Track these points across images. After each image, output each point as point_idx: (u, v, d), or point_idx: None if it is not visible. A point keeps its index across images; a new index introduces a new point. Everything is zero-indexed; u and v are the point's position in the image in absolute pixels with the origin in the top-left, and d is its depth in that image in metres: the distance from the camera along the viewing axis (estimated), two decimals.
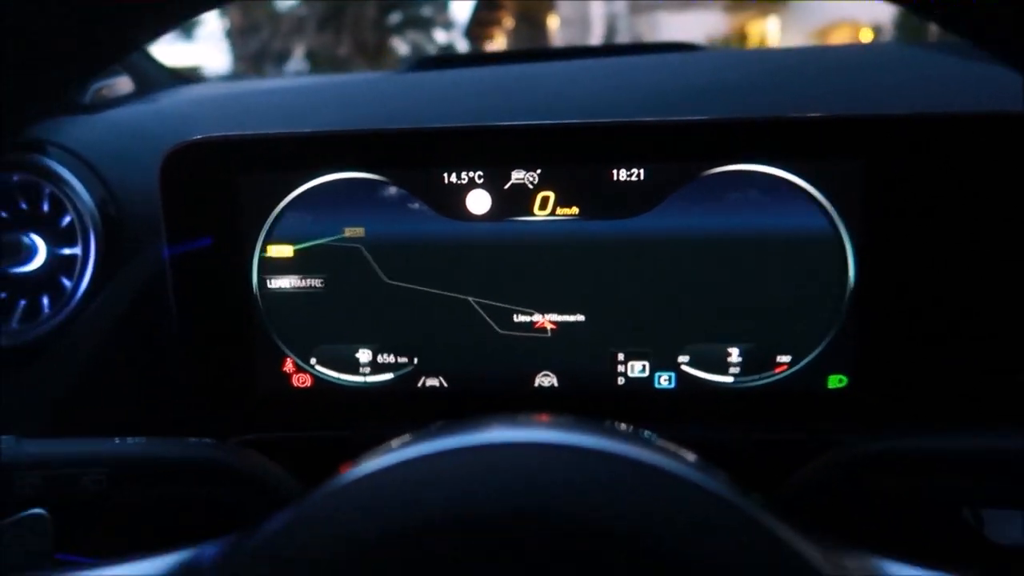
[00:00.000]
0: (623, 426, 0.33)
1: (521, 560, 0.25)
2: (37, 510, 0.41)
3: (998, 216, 0.58)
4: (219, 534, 0.31)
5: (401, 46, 16.73)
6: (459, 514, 0.26)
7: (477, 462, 0.28)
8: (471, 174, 0.61)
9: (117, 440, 0.48)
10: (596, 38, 13.95)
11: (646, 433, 0.32)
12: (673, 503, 0.27)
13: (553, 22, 16.26)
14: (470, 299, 0.62)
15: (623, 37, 13.53)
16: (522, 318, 0.63)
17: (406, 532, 0.25)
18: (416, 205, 0.62)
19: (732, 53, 1.00)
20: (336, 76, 1.09)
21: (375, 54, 15.79)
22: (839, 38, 11.91)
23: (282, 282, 0.63)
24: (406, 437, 0.31)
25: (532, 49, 0.99)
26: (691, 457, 0.31)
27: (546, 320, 0.63)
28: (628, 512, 0.26)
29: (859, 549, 0.29)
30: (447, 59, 0.92)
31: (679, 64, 0.88)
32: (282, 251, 0.63)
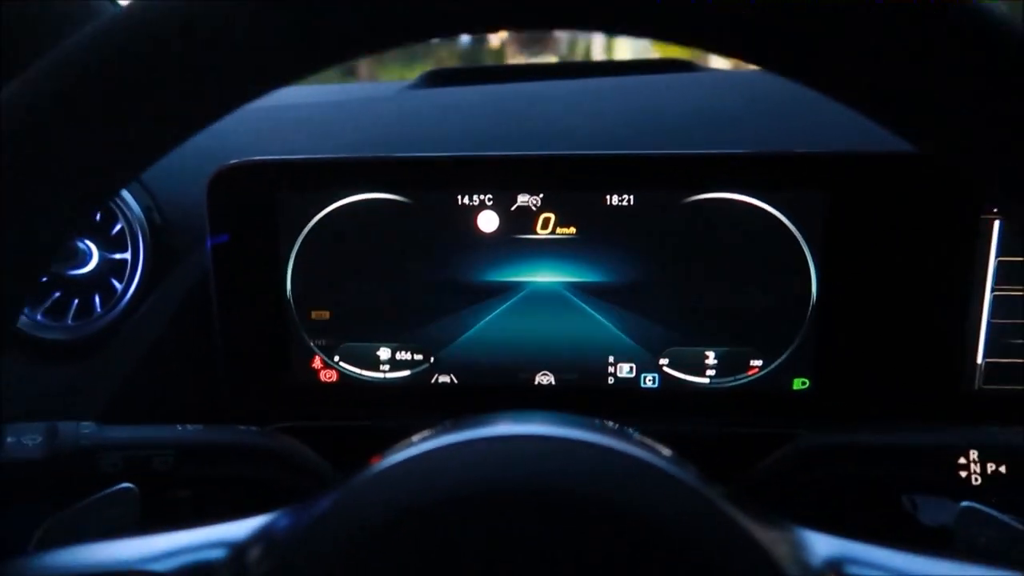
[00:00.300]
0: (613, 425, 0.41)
1: (539, 530, 0.33)
2: (126, 484, 0.49)
3: (942, 244, 0.66)
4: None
5: None
6: (490, 491, 0.33)
7: (513, 448, 0.35)
8: (482, 197, 0.69)
9: (179, 427, 0.56)
10: (598, 35, 13.88)
11: (633, 432, 0.40)
12: (647, 482, 0.34)
13: None
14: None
15: None
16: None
17: (457, 501, 0.32)
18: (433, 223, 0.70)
19: (726, 75, 1.06)
20: (352, 87, 1.16)
21: None
22: None
23: (312, 287, 0.71)
24: (453, 422, 0.38)
25: (536, 66, 1.05)
26: (666, 451, 0.39)
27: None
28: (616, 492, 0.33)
29: (795, 524, 0.37)
30: (454, 73, 0.99)
31: (673, 86, 0.95)
32: (313, 259, 0.71)
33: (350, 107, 0.97)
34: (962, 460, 0.51)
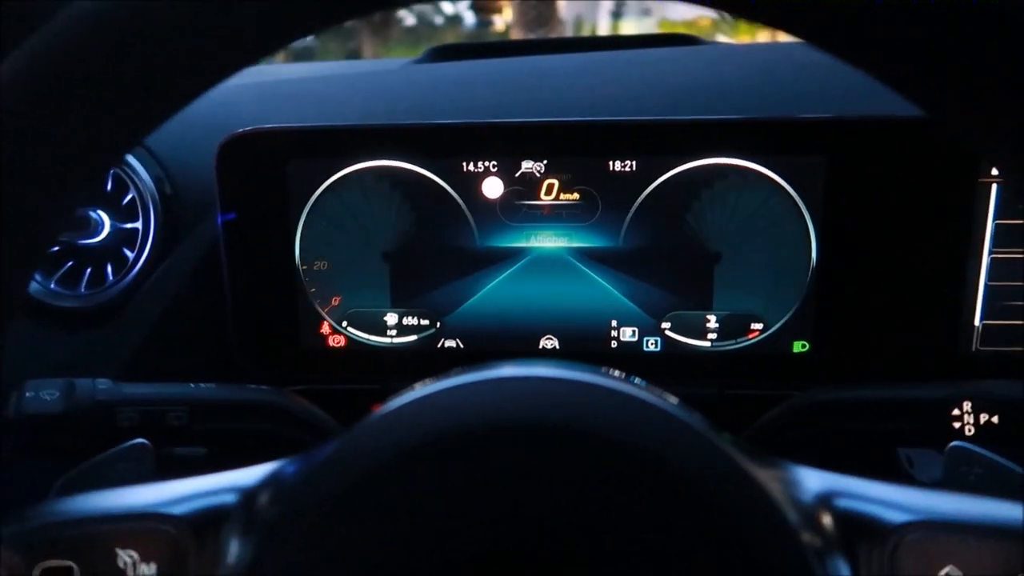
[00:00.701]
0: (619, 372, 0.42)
1: (540, 464, 0.34)
2: (140, 440, 0.51)
3: (939, 207, 0.67)
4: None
5: (407, 17, 16.59)
6: (489, 424, 0.34)
7: (506, 387, 0.36)
8: (486, 163, 0.70)
9: (192, 385, 0.58)
10: (604, 10, 13.83)
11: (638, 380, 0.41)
12: (656, 423, 0.35)
13: None
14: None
15: (631, 9, 13.42)
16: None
17: (453, 437, 0.34)
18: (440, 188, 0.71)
19: (727, 49, 1.07)
20: (360, 64, 1.16)
21: (381, 26, 15.66)
22: None
23: (320, 254, 0.73)
24: (450, 371, 0.40)
25: (539, 40, 1.06)
26: (670, 397, 0.41)
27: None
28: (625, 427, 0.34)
29: (784, 461, 0.38)
30: (459, 49, 1.00)
31: (677, 59, 0.96)
32: (321, 226, 0.72)
33: (357, 80, 0.98)
34: (955, 412, 0.52)
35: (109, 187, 0.80)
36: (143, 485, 0.36)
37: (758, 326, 0.71)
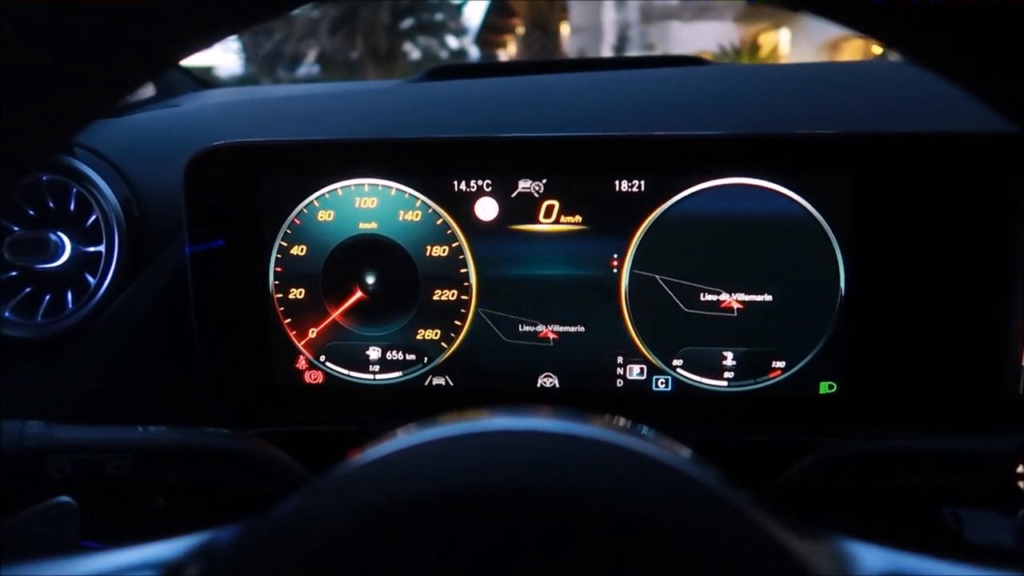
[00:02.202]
0: (622, 421, 0.35)
1: (517, 537, 0.28)
2: (65, 498, 0.44)
3: (980, 231, 0.60)
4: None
5: (413, 51, 16.83)
6: (459, 491, 0.28)
7: (480, 446, 0.30)
8: (480, 182, 0.64)
9: (140, 428, 0.51)
10: (607, 46, 14.00)
11: (644, 429, 0.35)
12: (661, 487, 0.29)
13: (565, 30, 16.32)
14: (480, 311, 0.66)
15: (634, 46, 13.58)
16: (527, 328, 0.65)
17: (410, 507, 0.27)
18: (429, 210, 0.65)
19: (738, 68, 1.02)
20: (351, 84, 1.11)
21: (387, 58, 15.87)
22: (850, 50, 11.91)
23: (297, 281, 0.66)
24: (411, 426, 0.34)
25: (541, 61, 1.01)
26: (684, 451, 0.34)
27: (549, 331, 0.65)
28: (619, 495, 0.28)
29: (831, 532, 0.32)
30: (458, 69, 0.95)
31: (686, 78, 0.91)
32: (298, 251, 0.66)
33: (346, 97, 0.92)
34: (1021, 469, 0.45)
35: (72, 207, 0.74)
36: (53, 559, 0.31)
37: (780, 364, 0.64)
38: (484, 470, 0.29)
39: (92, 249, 0.73)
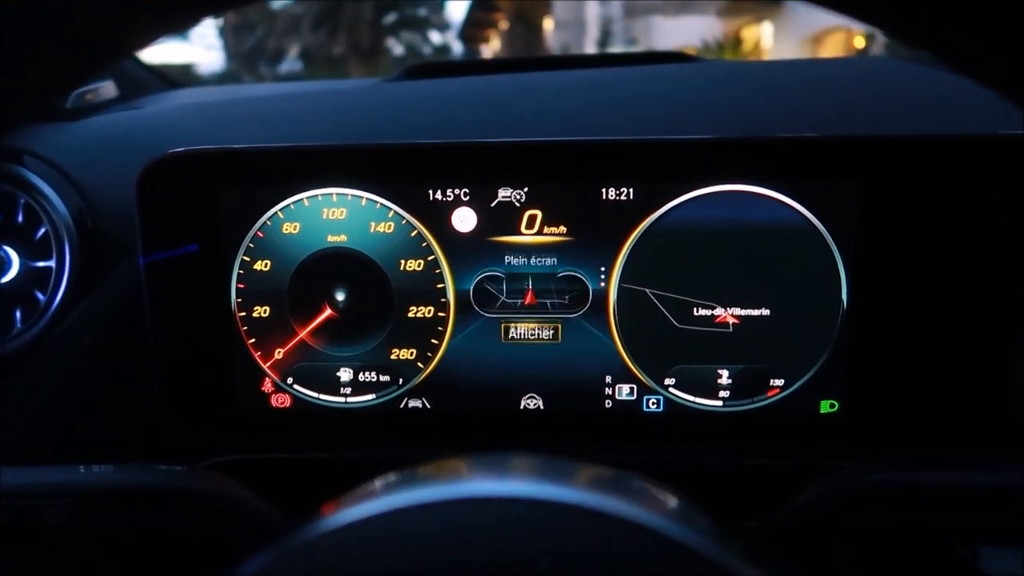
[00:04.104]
0: (607, 472, 0.32)
1: None
2: None
3: (991, 241, 0.56)
4: (194, 566, 0.30)
5: (396, 46, 16.77)
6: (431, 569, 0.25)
7: (454, 515, 0.27)
8: (456, 191, 0.59)
9: (82, 468, 0.46)
10: (591, 41, 13.99)
11: (634, 481, 0.31)
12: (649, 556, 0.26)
13: (548, 24, 16.29)
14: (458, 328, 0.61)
15: (618, 40, 13.57)
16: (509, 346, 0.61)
17: None
18: (402, 221, 0.60)
19: (725, 65, 0.98)
20: (325, 83, 1.07)
21: (370, 54, 15.80)
22: (832, 44, 11.96)
23: (262, 297, 0.62)
24: (389, 477, 0.31)
25: (524, 58, 0.98)
26: (673, 503, 0.30)
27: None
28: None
29: None
30: (437, 67, 0.91)
31: (673, 76, 0.87)
32: (261, 266, 0.61)
33: (319, 98, 0.88)
34: None
35: (20, 219, 0.70)
36: None
37: (778, 382, 0.60)
38: (459, 546, 0.26)
39: (42, 264, 0.69)
